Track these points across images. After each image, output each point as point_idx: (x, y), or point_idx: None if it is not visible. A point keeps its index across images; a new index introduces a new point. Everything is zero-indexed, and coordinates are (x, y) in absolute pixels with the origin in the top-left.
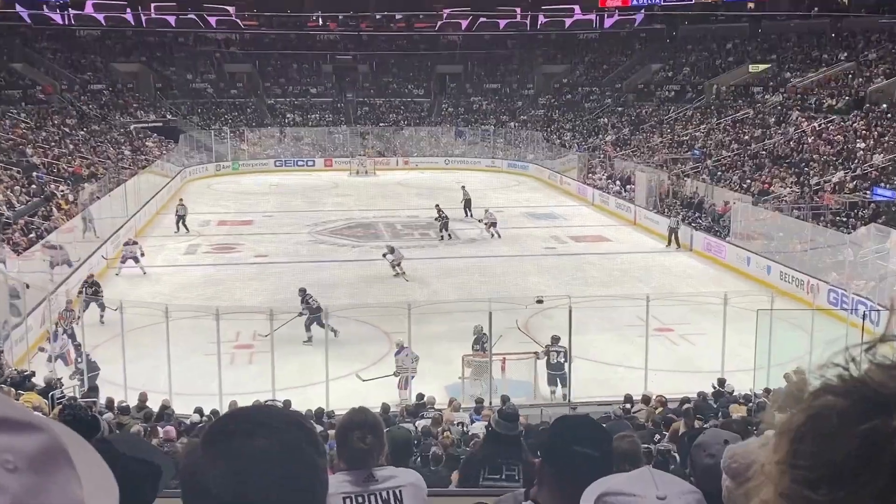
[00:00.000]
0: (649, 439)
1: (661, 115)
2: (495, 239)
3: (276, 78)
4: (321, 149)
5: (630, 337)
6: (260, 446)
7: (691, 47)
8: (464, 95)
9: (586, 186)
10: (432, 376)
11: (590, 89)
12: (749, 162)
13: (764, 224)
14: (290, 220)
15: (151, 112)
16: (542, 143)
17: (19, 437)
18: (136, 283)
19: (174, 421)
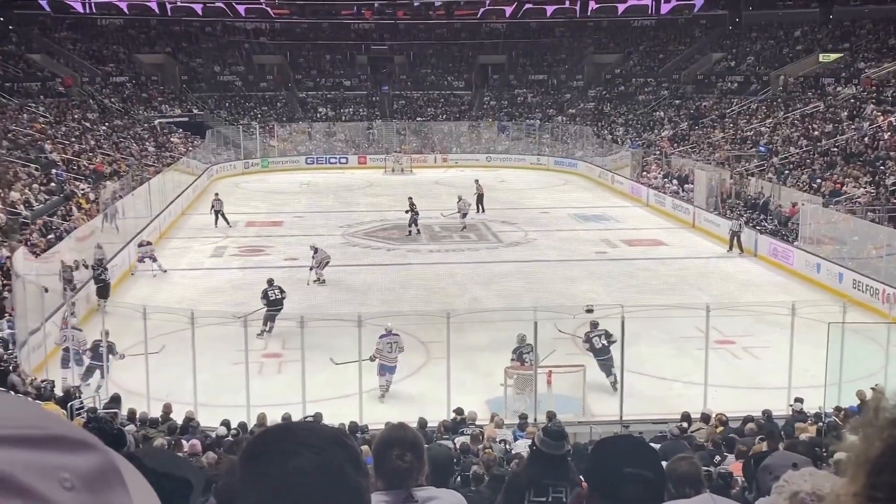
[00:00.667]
0: (709, 461)
1: (722, 109)
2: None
3: (308, 70)
4: (355, 145)
5: (688, 350)
6: (302, 466)
7: (756, 35)
8: (507, 88)
9: (640, 186)
10: (472, 390)
11: (644, 80)
12: (819, 160)
13: (835, 227)
14: (321, 222)
15: (177, 106)
16: (591, 138)
17: (75, 456)
18: (159, 287)
19: (199, 434)
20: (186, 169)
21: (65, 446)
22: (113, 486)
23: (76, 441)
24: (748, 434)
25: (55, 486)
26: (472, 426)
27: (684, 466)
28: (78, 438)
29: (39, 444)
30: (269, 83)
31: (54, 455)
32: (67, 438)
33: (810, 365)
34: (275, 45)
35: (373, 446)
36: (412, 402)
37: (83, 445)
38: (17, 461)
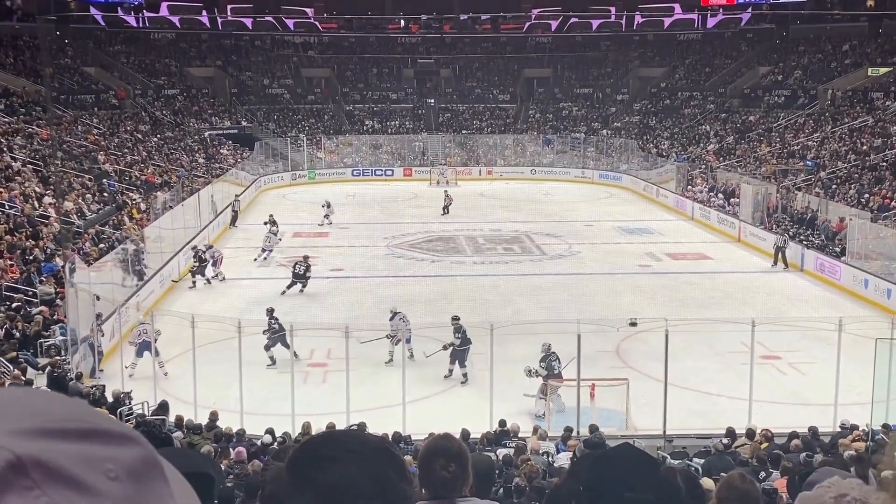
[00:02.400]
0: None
1: (769, 123)
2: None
3: (355, 83)
4: (400, 157)
5: (733, 365)
6: (349, 475)
7: (803, 49)
8: (552, 101)
9: (685, 199)
10: (515, 403)
11: (690, 94)
12: (867, 174)
13: (884, 243)
14: (367, 233)
15: (226, 118)
16: (637, 152)
17: (119, 449)
18: (206, 295)
19: (245, 441)
20: (235, 180)
21: (109, 439)
22: (155, 478)
23: (120, 434)
24: (793, 450)
25: (101, 476)
26: (516, 438)
27: (746, 486)
28: (121, 432)
29: (85, 436)
30: (316, 96)
31: (99, 447)
32: (111, 432)
33: (857, 382)
34: (323, 59)
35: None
36: (455, 414)
37: (126, 439)
38: (64, 452)
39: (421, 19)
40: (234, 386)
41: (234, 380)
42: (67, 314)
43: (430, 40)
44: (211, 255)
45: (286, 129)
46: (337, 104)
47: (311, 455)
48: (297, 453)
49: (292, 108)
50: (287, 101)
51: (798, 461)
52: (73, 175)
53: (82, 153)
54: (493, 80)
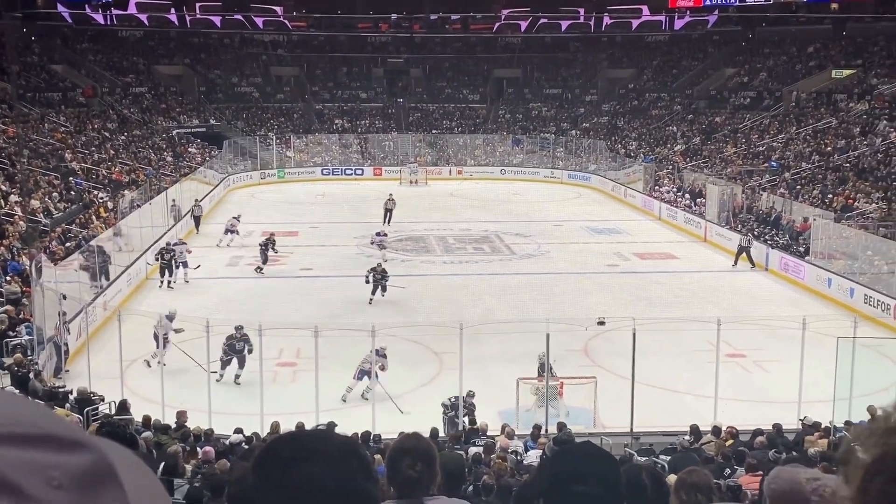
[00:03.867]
0: (719, 474)
1: (735, 124)
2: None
3: (325, 82)
4: (370, 157)
5: (699, 363)
6: (314, 475)
7: (769, 51)
8: (522, 101)
9: (653, 200)
10: (485, 401)
11: (658, 95)
12: (831, 175)
13: (847, 243)
14: (336, 232)
15: (195, 117)
16: (605, 152)
17: (67, 455)
18: (175, 295)
19: (213, 441)
20: (204, 179)
21: (57, 445)
22: (106, 485)
23: (70, 440)
24: (758, 447)
25: (42, 483)
26: (485, 437)
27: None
28: (72, 438)
29: (31, 442)
30: (286, 95)
31: (45, 453)
32: (61, 437)
33: (821, 379)
34: (292, 58)
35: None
36: (425, 413)
37: (77, 445)
38: (6, 458)
39: (391, 19)
40: (203, 385)
41: (203, 379)
42: (33, 313)
43: (400, 40)
44: (180, 251)
45: (255, 127)
46: (306, 103)
47: (277, 455)
48: (263, 454)
49: (261, 106)
50: (256, 100)
51: (765, 458)
52: (40, 173)
53: (49, 151)
54: (463, 79)
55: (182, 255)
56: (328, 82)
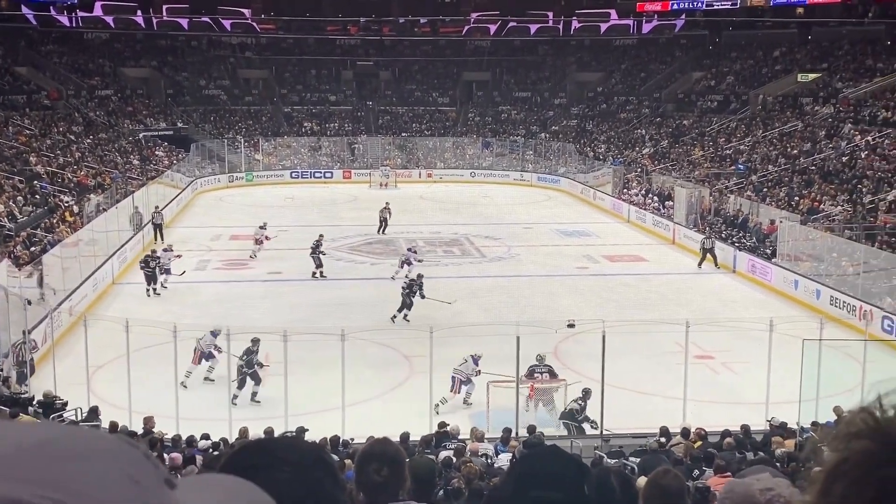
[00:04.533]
0: (688, 475)
1: (702, 127)
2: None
3: (294, 84)
4: (339, 160)
5: (668, 365)
6: (280, 482)
7: (735, 55)
8: (491, 104)
9: (622, 202)
10: (456, 404)
11: (626, 99)
12: (797, 178)
13: (813, 245)
14: (305, 236)
15: (161, 119)
16: (574, 155)
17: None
18: (143, 300)
19: (181, 447)
20: (171, 182)
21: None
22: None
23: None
24: (726, 449)
25: None
26: (456, 440)
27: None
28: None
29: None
30: (254, 97)
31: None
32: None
33: (788, 380)
34: (260, 60)
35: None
36: (395, 416)
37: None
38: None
39: (360, 21)
40: (170, 391)
41: (170, 384)
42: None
43: (370, 42)
44: (167, 257)
45: (223, 130)
46: (275, 106)
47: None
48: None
49: (229, 109)
50: (224, 103)
51: (732, 459)
52: (4, 177)
53: (13, 154)
54: (432, 82)
55: (168, 263)
56: (297, 85)
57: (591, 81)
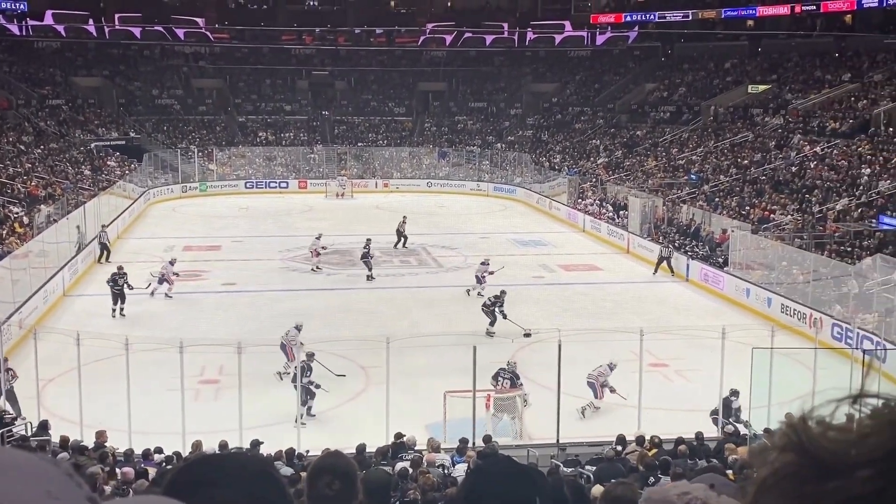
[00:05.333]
0: (643, 483)
1: (655, 138)
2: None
3: (248, 94)
4: (295, 170)
5: (623, 373)
6: (227, 499)
7: (687, 66)
8: (448, 114)
9: (577, 212)
10: (413, 414)
11: (581, 109)
12: (748, 188)
13: (764, 254)
14: (260, 246)
15: (114, 129)
16: (530, 165)
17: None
18: (93, 312)
19: (133, 461)
20: (123, 193)
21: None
22: None
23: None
24: (680, 456)
25: None
26: (412, 451)
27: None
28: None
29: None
30: (208, 107)
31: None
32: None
33: (741, 387)
34: (214, 69)
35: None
36: (352, 428)
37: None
38: None
39: (315, 31)
40: (122, 404)
41: (122, 398)
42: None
43: (325, 52)
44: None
45: (176, 140)
46: (229, 115)
47: (189, 479)
48: (176, 477)
49: (183, 118)
50: (177, 112)
51: (686, 466)
52: None
53: None
54: (388, 92)
55: (164, 273)
56: (252, 94)
57: (547, 92)
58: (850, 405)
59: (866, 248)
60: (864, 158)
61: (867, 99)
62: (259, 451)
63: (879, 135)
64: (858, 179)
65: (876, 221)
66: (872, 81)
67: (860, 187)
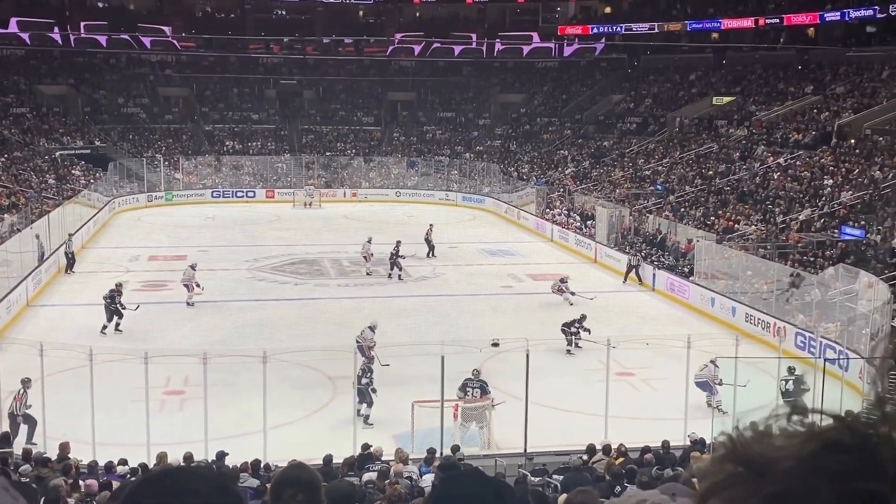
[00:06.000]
0: (609, 492)
1: (622, 148)
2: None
3: (215, 103)
4: (262, 179)
5: (590, 382)
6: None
7: (653, 78)
8: (416, 124)
9: (545, 222)
10: (381, 425)
11: (549, 120)
12: (713, 198)
13: (729, 263)
14: (227, 256)
15: (79, 138)
16: (498, 175)
17: None
18: (57, 322)
19: (97, 473)
20: (88, 202)
21: None
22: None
23: None
24: (646, 464)
25: None
26: (380, 462)
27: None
28: None
29: None
30: (174, 116)
31: None
32: None
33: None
34: (181, 78)
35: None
36: (319, 439)
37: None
38: None
39: (283, 41)
40: (86, 415)
41: (86, 409)
42: None
43: (293, 61)
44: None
45: (142, 149)
46: (196, 124)
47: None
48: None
49: (149, 127)
50: (143, 121)
51: (651, 475)
52: None
53: None
54: (357, 102)
55: (187, 280)
56: (218, 103)
57: (515, 102)
58: (786, 420)
59: (829, 259)
60: (827, 170)
61: (829, 111)
62: (225, 463)
63: (841, 146)
64: (821, 190)
65: (838, 232)
66: (834, 94)
67: (822, 198)
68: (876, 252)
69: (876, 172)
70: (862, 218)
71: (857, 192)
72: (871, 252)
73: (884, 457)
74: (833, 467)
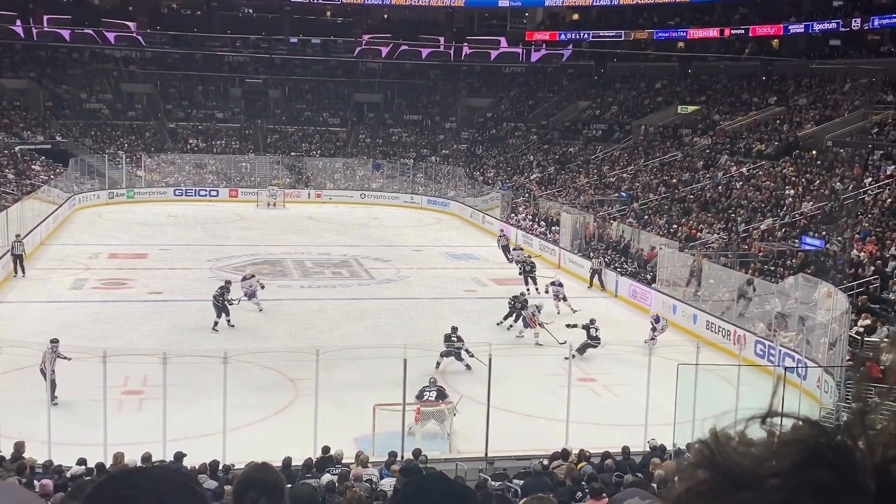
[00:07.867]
0: (569, 497)
1: (587, 155)
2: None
3: (179, 100)
4: (226, 178)
5: (552, 387)
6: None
7: (620, 85)
8: (382, 126)
9: (510, 227)
10: (342, 428)
11: (515, 125)
12: (676, 206)
13: (691, 271)
14: (188, 255)
15: (39, 132)
16: (464, 179)
17: None
18: (15, 319)
19: (52, 473)
20: (48, 198)
21: None
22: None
23: None
24: (607, 470)
25: None
26: (340, 465)
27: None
28: None
29: None
30: (137, 112)
31: None
32: None
33: (667, 403)
34: (145, 74)
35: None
36: (278, 441)
37: None
38: None
39: (249, 39)
40: (42, 414)
41: (42, 408)
42: None
43: (259, 60)
44: (249, 284)
45: (104, 145)
46: (159, 121)
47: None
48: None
49: (111, 123)
50: (106, 117)
51: (610, 481)
52: None
53: None
54: (323, 102)
55: (252, 287)
56: (183, 101)
57: (481, 107)
58: (760, 424)
59: (789, 268)
60: (789, 180)
61: (792, 122)
62: (183, 464)
63: (803, 157)
64: (782, 200)
65: (799, 242)
66: (797, 105)
67: (784, 208)
68: (835, 262)
69: (836, 184)
70: (822, 228)
71: (817, 203)
72: (830, 262)
73: (864, 471)
74: (814, 482)
